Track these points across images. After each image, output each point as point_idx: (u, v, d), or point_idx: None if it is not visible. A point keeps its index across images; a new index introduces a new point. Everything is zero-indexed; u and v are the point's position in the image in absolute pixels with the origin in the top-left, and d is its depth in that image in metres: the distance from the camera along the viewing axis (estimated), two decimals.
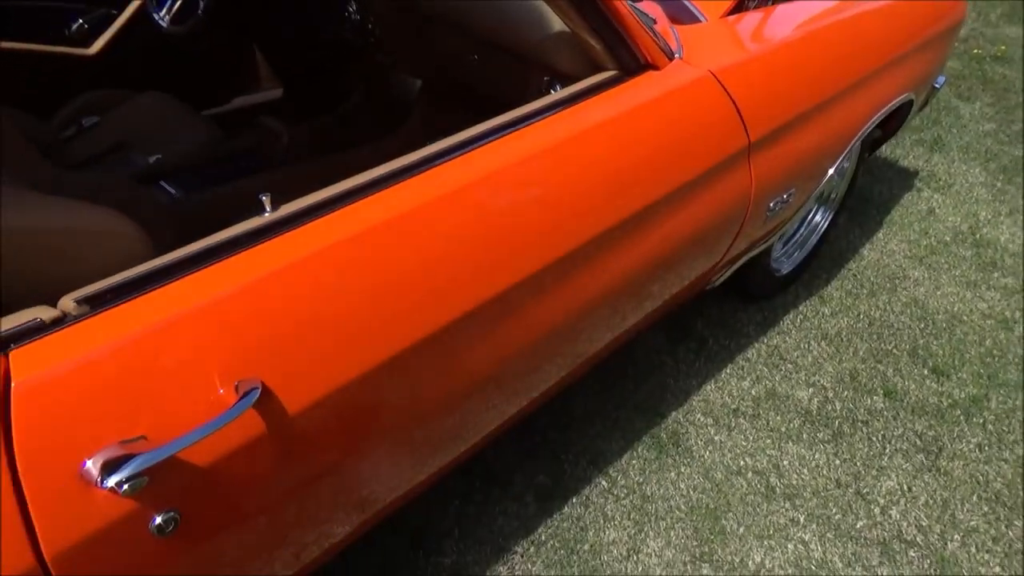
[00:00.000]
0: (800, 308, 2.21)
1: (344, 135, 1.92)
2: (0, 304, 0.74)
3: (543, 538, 1.57)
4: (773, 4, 1.99)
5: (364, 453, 1.00)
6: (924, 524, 1.66)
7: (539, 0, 1.26)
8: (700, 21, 1.59)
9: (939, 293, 2.32)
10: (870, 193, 2.77)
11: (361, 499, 1.09)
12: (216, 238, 0.83)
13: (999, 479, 1.77)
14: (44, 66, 1.95)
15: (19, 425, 0.67)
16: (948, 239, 2.58)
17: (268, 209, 0.88)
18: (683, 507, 1.65)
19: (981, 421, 1.92)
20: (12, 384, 0.68)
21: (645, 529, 1.60)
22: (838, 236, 2.50)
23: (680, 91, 1.33)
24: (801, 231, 2.28)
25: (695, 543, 1.58)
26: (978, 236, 2.61)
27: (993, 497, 1.73)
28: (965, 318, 2.24)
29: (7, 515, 0.67)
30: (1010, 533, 1.66)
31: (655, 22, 1.43)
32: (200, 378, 0.78)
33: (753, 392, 1.93)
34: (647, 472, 1.71)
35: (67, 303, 0.75)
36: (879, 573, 1.56)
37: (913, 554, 1.60)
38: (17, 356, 0.69)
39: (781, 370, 2.01)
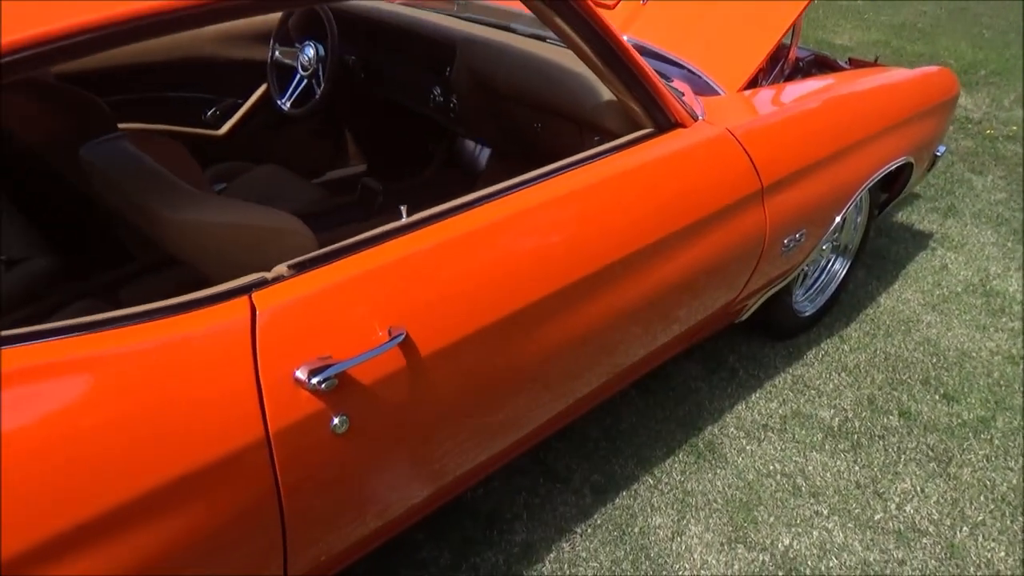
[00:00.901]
0: (822, 345, 2.49)
1: (427, 194, 2.32)
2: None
3: (599, 522, 1.83)
4: (785, 82, 2.37)
5: (477, 394, 1.32)
6: (936, 518, 1.89)
7: (589, 73, 1.64)
8: (719, 94, 1.96)
9: (950, 334, 2.58)
10: (888, 252, 3.07)
11: (475, 432, 1.40)
12: (375, 231, 1.19)
13: (1004, 483, 2.00)
14: (185, 143, 2.40)
15: (260, 342, 1.02)
16: (960, 290, 2.85)
17: (404, 216, 1.24)
18: (719, 501, 1.91)
19: (988, 437, 2.15)
20: (257, 313, 1.03)
21: (687, 517, 1.86)
22: (857, 287, 2.79)
23: (702, 144, 1.68)
24: (822, 278, 2.58)
25: (730, 528, 1.83)
26: (988, 287, 2.87)
27: (999, 498, 1.95)
28: (974, 355, 2.48)
29: (251, 401, 1.01)
30: (1014, 527, 1.88)
31: (683, 94, 1.80)
32: (366, 321, 1.12)
33: (780, 411, 2.20)
34: (687, 473, 1.98)
35: (281, 268, 1.10)
36: (895, 555, 1.79)
37: (926, 541, 1.83)
38: (257, 297, 1.04)
39: (805, 395, 2.27)
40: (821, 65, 2.62)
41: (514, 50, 1.94)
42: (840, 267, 2.59)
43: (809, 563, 1.76)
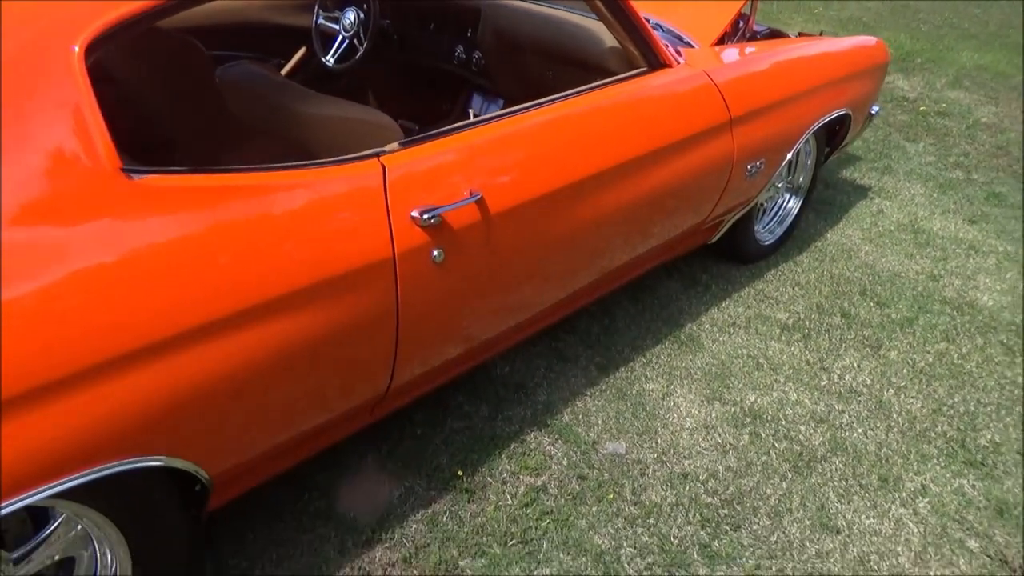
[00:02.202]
0: (779, 267, 2.98)
1: None
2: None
3: (604, 388, 2.28)
4: (748, 41, 2.86)
5: (526, 247, 1.76)
6: (868, 383, 2.38)
7: (595, 22, 2.08)
8: (695, 48, 2.43)
9: (884, 260, 3.09)
10: (833, 200, 3.58)
11: (525, 281, 1.84)
12: (455, 124, 1.62)
13: (923, 361, 2.50)
14: None
15: (389, 188, 1.44)
16: (893, 228, 3.37)
17: (471, 116, 1.68)
18: (699, 373, 2.37)
19: (911, 331, 2.65)
20: (386, 169, 1.45)
21: (674, 383, 2.32)
22: (808, 226, 3.29)
23: (683, 80, 2.15)
24: (779, 213, 3.07)
25: (708, 391, 2.30)
26: (916, 227, 3.40)
27: (919, 371, 2.46)
28: (903, 274, 3.00)
29: (385, 228, 1.43)
30: (927, 388, 2.38)
31: (667, 44, 2.26)
32: (455, 183, 1.55)
33: (745, 314, 2.67)
34: (672, 355, 2.44)
35: (394, 145, 1.53)
36: (836, 407, 2.27)
37: (860, 398, 2.31)
38: (384, 159, 1.47)
39: (765, 303, 2.75)
40: (775, 36, 3.12)
41: (532, 10, 2.39)
42: (794, 204, 3.09)
43: (770, 412, 2.23)
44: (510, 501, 1.88)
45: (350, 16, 2.63)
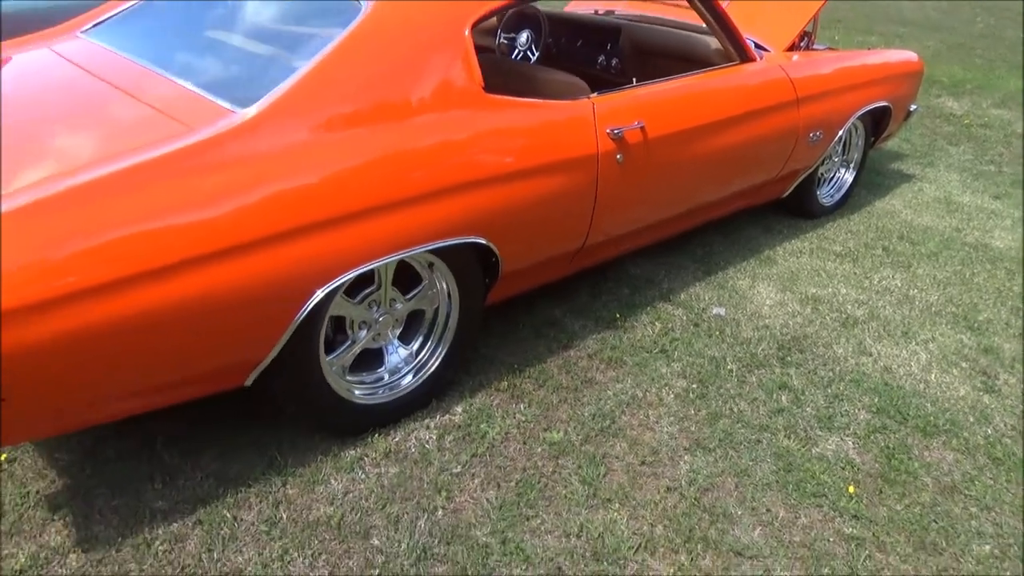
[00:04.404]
0: (836, 222, 3.94)
1: None
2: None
3: (707, 283, 3.28)
4: (814, 50, 3.89)
5: (668, 165, 2.79)
6: (899, 285, 3.32)
7: (703, 37, 3.14)
8: (771, 52, 3.47)
9: (919, 219, 4.02)
10: (881, 182, 4.53)
11: (668, 189, 2.88)
12: (630, 85, 2.69)
13: (943, 277, 3.42)
14: None
15: (597, 115, 2.51)
16: (929, 200, 4.29)
17: (634, 83, 2.75)
18: (775, 276, 3.34)
19: (936, 261, 3.58)
20: (595, 104, 2.53)
21: (757, 281, 3.30)
22: (859, 198, 4.24)
23: (763, 69, 3.19)
24: (836, 182, 4.04)
25: (781, 286, 3.27)
26: (949, 200, 4.32)
27: (939, 282, 3.38)
28: (934, 227, 3.92)
29: (593, 136, 2.50)
30: (944, 290, 3.30)
31: (754, 44, 3.31)
32: (631, 115, 2.61)
33: (810, 247, 3.64)
34: (756, 268, 3.42)
35: (594, 95, 2.60)
36: (874, 297, 3.21)
37: (889, 296, 3.25)
38: (594, 99, 2.54)
39: (825, 241, 3.72)
40: (830, 51, 4.14)
41: (657, 27, 3.49)
42: (848, 177, 4.06)
43: (825, 298, 3.19)
44: (651, 332, 2.89)
45: (524, 35, 3.78)
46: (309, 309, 1.95)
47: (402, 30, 2.14)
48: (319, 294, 1.95)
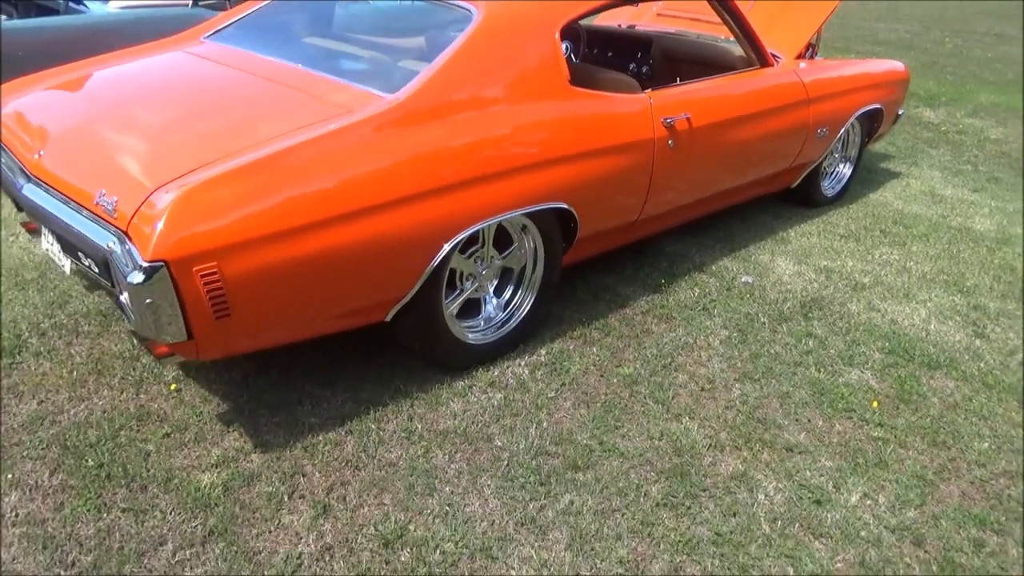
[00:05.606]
0: (838, 210, 4.47)
1: None
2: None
3: (732, 257, 3.77)
4: (819, 59, 4.44)
5: (705, 153, 3.29)
6: (897, 259, 3.83)
7: (727, 46, 3.66)
8: (783, 59, 4.00)
9: (909, 207, 4.57)
10: (874, 179, 5.08)
11: (704, 172, 3.37)
12: (676, 83, 3.18)
13: (933, 252, 3.95)
14: None
15: (653, 106, 3.00)
16: (916, 193, 4.85)
17: (678, 81, 3.25)
18: (790, 252, 3.85)
19: (926, 239, 4.11)
20: (651, 98, 3.02)
21: (776, 256, 3.80)
22: (856, 191, 4.78)
23: (780, 73, 3.71)
24: (837, 175, 4.58)
25: (797, 260, 3.77)
26: (933, 192, 4.88)
27: (930, 256, 3.90)
28: (922, 214, 4.47)
29: (650, 124, 2.98)
30: (936, 263, 3.82)
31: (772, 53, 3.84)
32: (679, 108, 3.10)
33: (816, 229, 4.16)
34: (773, 245, 3.93)
35: (648, 90, 3.09)
36: (877, 269, 3.72)
37: (891, 266, 3.77)
38: (649, 93, 3.03)
39: (829, 225, 4.24)
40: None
41: (685, 38, 4.01)
42: (847, 171, 4.60)
43: (836, 269, 3.70)
44: (692, 295, 3.37)
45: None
46: (439, 260, 2.40)
47: (508, 33, 2.62)
48: (446, 247, 2.40)
